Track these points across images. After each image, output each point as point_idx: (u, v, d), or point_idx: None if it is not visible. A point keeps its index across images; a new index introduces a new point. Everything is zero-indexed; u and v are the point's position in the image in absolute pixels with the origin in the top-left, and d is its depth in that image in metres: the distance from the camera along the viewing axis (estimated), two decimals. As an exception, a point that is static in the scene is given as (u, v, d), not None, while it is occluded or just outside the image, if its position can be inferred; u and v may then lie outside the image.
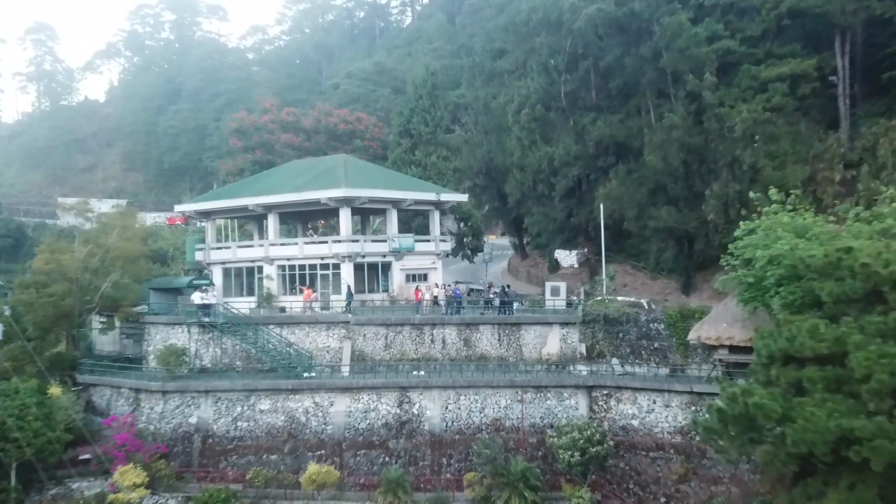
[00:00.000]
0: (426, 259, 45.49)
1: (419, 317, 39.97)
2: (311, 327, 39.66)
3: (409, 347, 39.59)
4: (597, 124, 52.86)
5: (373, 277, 43.36)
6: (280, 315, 40.54)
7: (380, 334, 39.63)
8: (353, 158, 50.67)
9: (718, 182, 47.29)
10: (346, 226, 41.27)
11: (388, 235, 43.50)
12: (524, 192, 58.06)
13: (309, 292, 40.79)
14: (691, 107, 49.94)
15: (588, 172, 55.42)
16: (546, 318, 39.98)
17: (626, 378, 37.36)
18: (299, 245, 42.97)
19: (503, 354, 39.62)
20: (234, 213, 46.00)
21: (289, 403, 37.10)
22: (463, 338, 39.73)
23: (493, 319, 39.90)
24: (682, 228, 49.07)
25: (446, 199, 45.53)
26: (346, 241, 41.23)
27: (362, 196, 40.83)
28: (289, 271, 43.48)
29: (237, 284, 45.41)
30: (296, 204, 42.28)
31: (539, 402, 37.16)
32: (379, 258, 43.39)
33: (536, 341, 39.69)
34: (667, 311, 39.56)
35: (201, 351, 40.16)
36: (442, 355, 39.46)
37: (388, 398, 37.00)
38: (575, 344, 39.66)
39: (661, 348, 39.01)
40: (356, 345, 39.47)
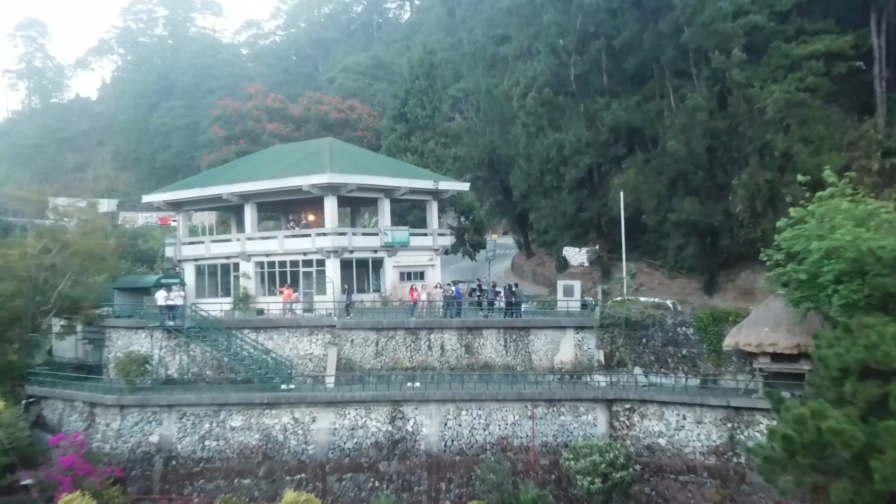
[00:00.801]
0: (423, 255, 40.67)
1: (414, 320, 35.22)
2: (292, 332, 34.90)
3: (403, 355, 34.83)
4: (611, 108, 48.18)
5: (362, 275, 38.57)
6: (256, 318, 35.76)
7: (370, 340, 34.87)
8: (341, 142, 45.90)
9: (747, 170, 42.68)
10: (331, 217, 36.47)
11: (379, 228, 38.70)
12: (530, 183, 53.39)
13: (289, 292, 35.99)
14: (715, 88, 45.46)
15: (600, 161, 50.80)
16: (559, 321, 35.21)
17: (652, 390, 32.63)
18: (279, 239, 38.15)
19: (510, 363, 34.86)
20: (207, 203, 41.23)
21: (264, 419, 32.31)
22: (464, 344, 34.98)
23: (499, 323, 35.15)
24: (706, 222, 44.52)
25: (445, 188, 40.76)
26: (331, 234, 36.43)
27: (350, 183, 36.02)
28: (268, 269, 38.69)
29: (211, 284, 40.64)
30: (275, 192, 37.47)
31: (552, 417, 32.41)
32: (369, 254, 38.58)
33: (548, 348, 34.94)
34: (696, 313, 34.80)
35: (167, 359, 35.37)
36: (440, 364, 34.73)
37: (379, 413, 32.24)
38: (592, 351, 34.90)
39: (690, 356, 34.27)
40: (343, 352, 34.72)
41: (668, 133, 45.26)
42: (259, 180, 37.54)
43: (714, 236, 46.21)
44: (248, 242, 38.62)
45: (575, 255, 56.63)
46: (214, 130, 67.55)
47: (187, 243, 41.26)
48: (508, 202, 60.40)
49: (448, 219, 49.60)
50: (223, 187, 38.46)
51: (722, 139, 44.38)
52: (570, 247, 57.38)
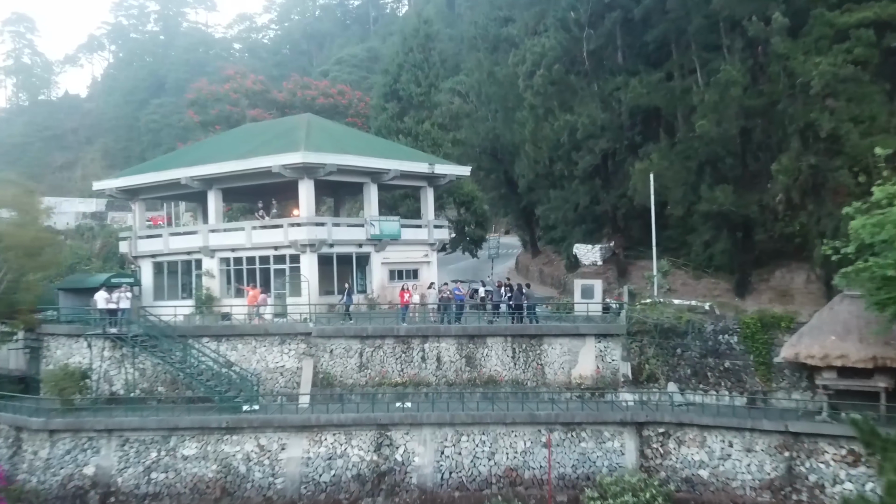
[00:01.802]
0: (416, 250, 35.13)
1: (406, 326, 29.69)
2: (259, 341, 29.33)
3: (392, 368, 29.28)
4: (630, 86, 42.52)
5: (345, 274, 32.96)
6: (217, 325, 30.11)
7: (352, 350, 29.31)
8: (321, 119, 40.28)
9: (787, 154, 37.16)
10: (306, 204, 30.89)
11: (365, 218, 33.10)
12: (538, 173, 47.76)
13: (256, 293, 30.37)
14: (749, 62, 39.98)
15: (617, 146, 45.16)
16: (577, 327, 29.64)
17: (691, 411, 27.16)
18: (246, 231, 32.53)
19: (519, 377, 29.32)
20: (166, 190, 35.61)
21: (223, 447, 26.74)
22: (465, 354, 29.44)
23: (506, 330, 29.60)
24: (739, 214, 38.96)
25: (442, 173, 35.20)
26: (306, 224, 30.84)
27: (328, 163, 30.41)
28: (234, 266, 33.12)
29: (171, 284, 35.10)
30: (242, 176, 31.88)
31: (570, 444, 26.89)
32: (353, 248, 33.00)
33: (564, 359, 29.41)
34: (741, 318, 29.25)
35: (111, 373, 29.75)
36: (436, 378, 29.19)
37: (362, 439, 26.72)
38: (616, 363, 29.35)
39: (734, 369, 28.78)
40: (320, 364, 29.16)
41: (696, 112, 39.80)
42: (223, 161, 31.92)
43: (748, 230, 40.72)
44: (211, 235, 33.06)
45: (587, 253, 51.17)
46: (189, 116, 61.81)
47: (143, 237, 35.67)
48: (513, 195, 54.80)
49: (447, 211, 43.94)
50: (182, 171, 32.88)
51: (757, 119, 38.98)
52: (581, 244, 51.99)
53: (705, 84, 40.64)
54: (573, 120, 43.60)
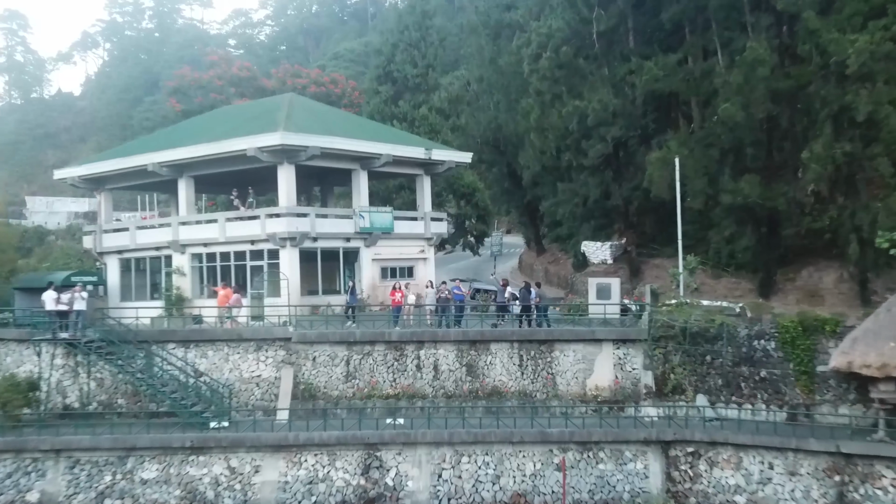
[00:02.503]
0: (412, 245, 31.67)
1: (399, 330, 26.22)
2: (233, 347, 25.81)
3: (383, 378, 25.78)
4: (646, 69, 39.07)
5: (331, 271, 29.52)
6: (185, 329, 26.55)
7: (338, 358, 25.81)
8: (306, 99, 36.80)
9: (819, 140, 33.79)
10: (286, 192, 27.40)
11: (353, 209, 29.63)
12: (544, 164, 44.39)
13: (227, 293, 26.84)
14: (776, 42, 36.70)
15: (631, 134, 41.76)
16: (592, 332, 26.12)
17: (726, 428, 23.64)
18: (220, 223, 29.03)
19: (527, 388, 25.83)
20: (134, 179, 32.10)
21: (188, 469, 23.24)
22: (465, 362, 25.96)
23: (512, 334, 26.08)
24: (767, 206, 35.62)
25: (440, 159, 31.73)
26: (286, 214, 27.35)
27: (311, 146, 26.90)
28: (207, 263, 29.66)
29: (139, 283, 31.65)
30: (216, 161, 28.43)
31: (587, 466, 23.41)
32: (340, 243, 29.52)
33: (578, 368, 25.92)
34: (779, 321, 25.73)
35: (65, 383, 26.22)
36: (433, 390, 25.70)
37: (348, 461, 23.25)
38: (638, 372, 25.86)
39: (772, 379, 25.30)
40: (301, 374, 25.67)
41: (717, 97, 36.45)
42: (193, 145, 28.43)
43: (773, 225, 37.38)
44: (181, 228, 29.59)
45: (595, 251, 47.84)
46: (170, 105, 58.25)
47: (109, 231, 32.17)
48: (516, 189, 51.43)
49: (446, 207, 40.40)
50: (149, 156, 29.42)
51: (785, 103, 35.66)
52: (589, 241, 48.71)
53: (728, 65, 37.29)
54: (583, 106, 40.20)
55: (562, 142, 42.30)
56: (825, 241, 35.66)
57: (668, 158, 36.68)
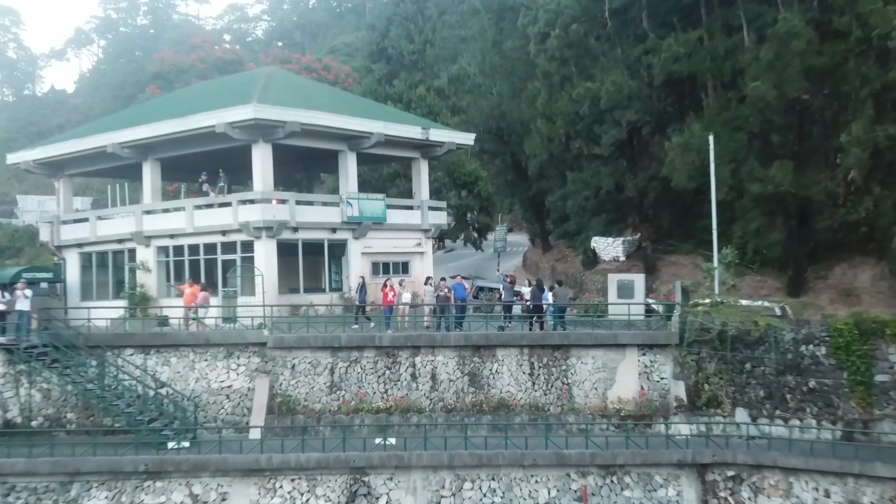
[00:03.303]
0: (407, 237, 28.23)
1: (391, 334, 22.76)
2: (199, 354, 22.34)
3: (373, 389, 22.32)
4: (665, 46, 35.59)
5: (315, 266, 26.10)
6: (144, 333, 23.02)
7: (321, 366, 22.36)
8: (287, 72, 33.31)
9: (859, 122, 30.44)
10: (262, 175, 23.97)
11: (340, 195, 26.16)
12: (552, 152, 40.90)
13: (194, 290, 23.34)
14: (808, 15, 33.25)
15: (646, 119, 38.31)
16: (614, 336, 22.64)
17: (772, 448, 20.18)
18: (187, 212, 25.56)
19: (539, 401, 22.37)
20: (94, 164, 28.66)
21: (143, 498, 19.79)
22: (468, 371, 22.50)
23: (521, 338, 22.61)
24: (801, 196, 32.22)
25: (439, 140, 28.28)
26: (261, 200, 23.89)
27: (289, 121, 23.43)
28: (174, 257, 26.23)
29: (101, 280, 28.25)
30: (181, 140, 24.99)
31: (610, 493, 20.00)
32: (325, 234, 26.08)
33: (597, 377, 22.47)
34: (831, 323, 22.32)
35: (5, 395, 22.69)
36: (430, 402, 22.25)
37: (331, 487, 19.82)
38: (666, 382, 22.42)
39: (822, 390, 21.93)
40: (278, 384, 22.20)
41: (744, 76, 33.04)
42: (157, 122, 24.95)
43: (804, 217, 33.98)
44: (145, 218, 26.15)
45: (607, 248, 44.41)
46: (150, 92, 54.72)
47: (68, 222, 28.71)
48: (521, 182, 47.95)
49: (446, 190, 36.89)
50: (108, 136, 25.95)
51: (821, 83, 32.25)
52: (599, 237, 45.33)
53: (756, 41, 33.88)
54: (595, 88, 36.69)
55: (571, 128, 38.85)
56: (860, 235, 32.47)
57: (690, 143, 33.25)
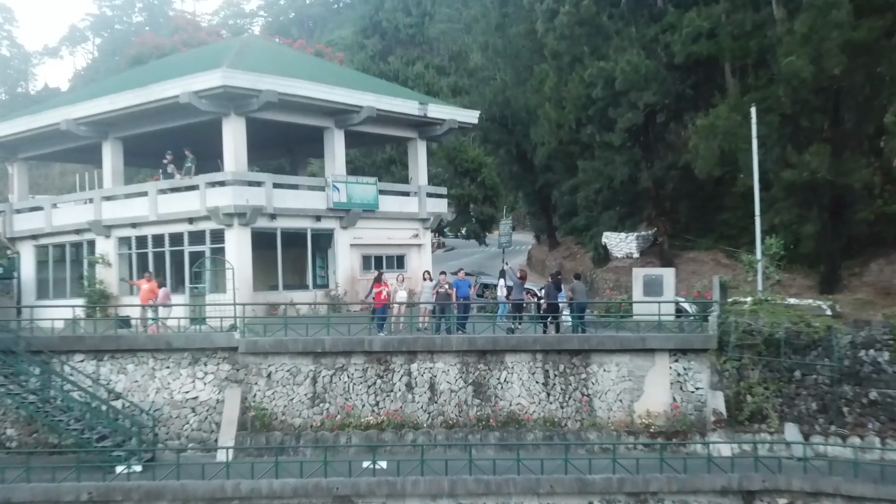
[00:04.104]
0: (402, 228, 25.18)
1: (383, 337, 19.63)
2: (161, 360, 19.23)
3: (362, 401, 19.20)
4: (688, 19, 32.53)
5: (297, 259, 23.01)
6: (95, 337, 19.81)
7: (301, 374, 19.24)
8: (267, 40, 30.22)
9: (902, 101, 27.39)
10: (234, 152, 20.90)
11: (325, 178, 23.05)
12: (561, 139, 37.84)
13: (152, 286, 20.18)
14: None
15: (667, 101, 35.22)
16: (642, 339, 19.50)
17: (835, 474, 17.04)
18: (150, 197, 22.45)
19: (554, 415, 19.23)
20: (51, 145, 25.50)
21: (88, 532, 16.64)
22: (472, 380, 19.38)
23: (535, 342, 19.48)
24: (839, 184, 29.29)
25: (439, 117, 25.19)
26: (233, 182, 20.78)
27: (264, 90, 20.32)
28: (137, 248, 23.16)
29: (58, 275, 25.14)
30: (144, 115, 21.94)
31: (641, 526, 16.80)
32: (308, 222, 22.98)
33: (622, 387, 19.36)
34: (894, 324, 19.17)
35: (-65, 408, 19.60)
36: (429, 417, 19.14)
37: (310, 519, 16.66)
38: (703, 392, 19.29)
39: (886, 402, 18.86)
40: (251, 396, 19.08)
41: (778, 50, 29.99)
42: (116, 93, 21.82)
43: (839, 208, 30.99)
44: (104, 205, 23.04)
45: (619, 243, 41.42)
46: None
47: (23, 210, 25.59)
48: (526, 174, 44.90)
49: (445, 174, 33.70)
50: (62, 112, 22.84)
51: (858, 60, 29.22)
52: (611, 232, 42.34)
53: (787, 15, 30.85)
54: (609, 68, 33.64)
55: (583, 113, 35.80)
56: (898, 228, 29.62)
57: (716, 126, 30.19)
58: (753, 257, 20.97)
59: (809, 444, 18.24)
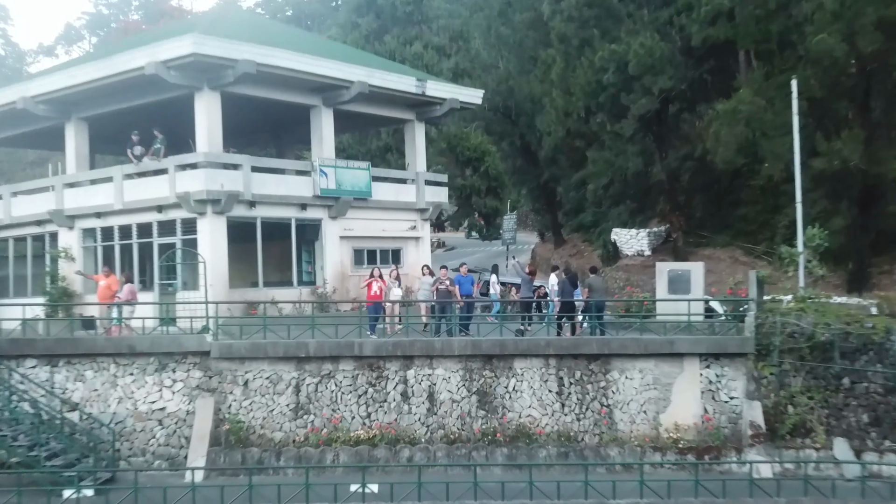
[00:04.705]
0: (398, 219, 22.91)
1: (375, 340, 17.33)
2: (123, 366, 16.95)
3: (352, 412, 16.91)
4: (703, 1, 30.32)
5: (279, 253, 20.70)
6: (48, 340, 17.50)
7: (282, 382, 16.95)
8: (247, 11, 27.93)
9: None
10: (207, 130, 18.68)
11: (311, 162, 20.78)
12: (569, 128, 35.59)
13: (111, 282, 17.87)
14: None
15: (683, 87, 33.02)
16: (669, 342, 17.19)
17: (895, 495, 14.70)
18: (115, 183, 20.18)
19: (570, 428, 16.94)
20: (10, 127, 23.33)
21: (31, 566, 14.29)
22: (476, 388, 17.09)
23: (548, 346, 17.17)
24: (873, 174, 27.17)
25: (438, 95, 22.93)
26: (205, 164, 18.51)
27: (240, 59, 18.07)
28: (103, 241, 20.87)
29: (18, 272, 22.85)
30: (110, 91, 19.68)
31: (674, 559, 14.43)
32: (292, 212, 20.72)
33: (647, 397, 17.06)
34: (956, 325, 16.88)
35: None
36: (427, 431, 16.84)
37: (290, 550, 14.31)
38: (738, 403, 17.00)
39: (947, 415, 16.40)
40: (226, 407, 16.79)
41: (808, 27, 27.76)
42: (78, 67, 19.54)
43: (870, 201, 28.84)
44: (67, 193, 20.75)
45: (629, 240, 39.32)
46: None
47: (-20, 201, 23.33)
48: (531, 168, 42.69)
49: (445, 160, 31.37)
50: (19, 87, 20.55)
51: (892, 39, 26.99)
52: (621, 228, 40.23)
53: (813, -7, 28.59)
54: (622, 51, 31.41)
55: (592, 100, 33.58)
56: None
57: (739, 111, 27.91)
58: (794, 250, 18.66)
59: (862, 463, 15.95)
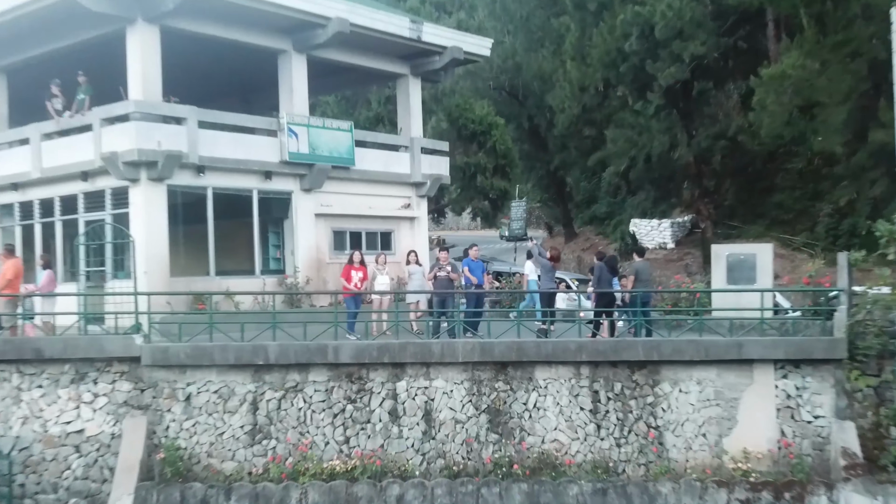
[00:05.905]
0: (388, 195, 19.09)
1: (355, 343, 13.42)
2: (30, 375, 13.12)
3: (325, 436, 13.03)
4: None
5: (238, 235, 16.85)
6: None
7: (235, 397, 13.07)
8: None
9: None
10: (141, 74, 14.80)
11: (278, 120, 16.90)
12: (584, 104, 31.85)
13: (16, 266, 13.95)
14: None
15: (714, 56, 29.27)
16: (738, 346, 13.27)
17: None
18: (33, 145, 16.36)
19: (608, 457, 13.03)
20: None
21: None
22: (486, 405, 13.19)
23: (578, 350, 13.25)
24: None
25: (438, 43, 19.09)
26: (138, 116, 14.64)
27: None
28: (21, 219, 17.05)
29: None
30: (26, 29, 15.94)
31: None
32: (253, 181, 16.88)
33: (706, 416, 13.14)
34: None
35: None
36: (423, 460, 12.95)
37: None
38: (824, 424, 13.07)
39: None
40: (161, 429, 12.93)
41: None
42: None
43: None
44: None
45: (650, 232, 35.83)
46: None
47: None
48: (539, 153, 38.91)
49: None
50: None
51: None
52: (639, 219, 36.70)
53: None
54: (647, 13, 27.64)
55: (612, 71, 29.82)
56: None
57: (787, 76, 24.06)
58: (891, 226, 14.80)
59: None
